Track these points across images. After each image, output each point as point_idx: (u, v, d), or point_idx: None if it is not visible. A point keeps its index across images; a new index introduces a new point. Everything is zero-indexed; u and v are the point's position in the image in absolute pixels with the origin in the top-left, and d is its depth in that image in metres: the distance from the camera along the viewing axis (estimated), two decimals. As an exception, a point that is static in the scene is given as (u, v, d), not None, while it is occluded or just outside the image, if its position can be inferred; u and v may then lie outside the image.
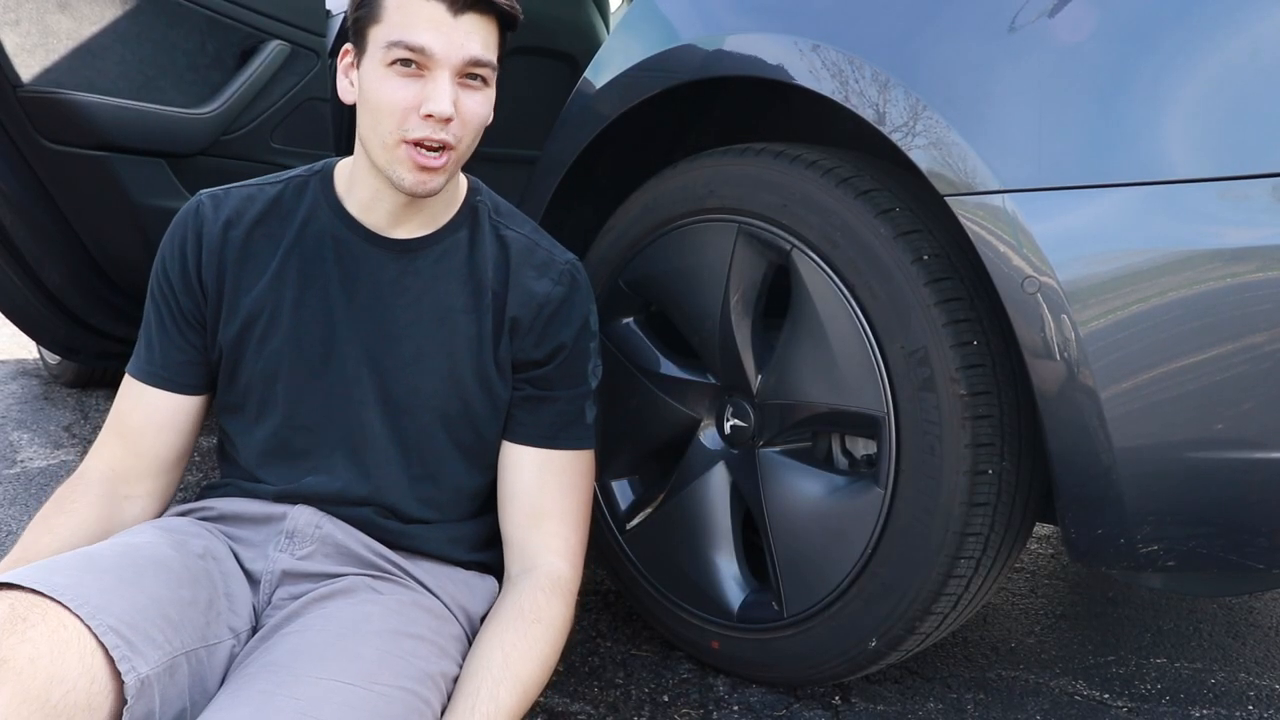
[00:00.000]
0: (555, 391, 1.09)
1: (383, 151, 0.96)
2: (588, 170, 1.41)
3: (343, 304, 1.04)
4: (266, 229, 1.05)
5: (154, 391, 1.06)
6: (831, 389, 1.09)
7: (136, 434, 1.06)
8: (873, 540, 1.07)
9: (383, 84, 0.94)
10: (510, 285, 1.07)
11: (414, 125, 0.94)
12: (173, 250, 1.06)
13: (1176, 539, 0.92)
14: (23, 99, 1.69)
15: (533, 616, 0.98)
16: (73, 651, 0.74)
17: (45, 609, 0.76)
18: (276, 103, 1.98)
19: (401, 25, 0.92)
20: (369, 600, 0.94)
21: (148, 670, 0.78)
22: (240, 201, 1.07)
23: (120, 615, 0.79)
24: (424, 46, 0.92)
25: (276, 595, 0.98)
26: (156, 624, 0.82)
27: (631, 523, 1.34)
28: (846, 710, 1.21)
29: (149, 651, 0.79)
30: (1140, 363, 0.86)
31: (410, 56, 0.93)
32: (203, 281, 1.05)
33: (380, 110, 0.95)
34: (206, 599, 0.89)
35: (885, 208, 1.04)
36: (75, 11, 1.72)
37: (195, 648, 0.85)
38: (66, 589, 0.78)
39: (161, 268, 1.06)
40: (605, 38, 2.42)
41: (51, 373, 3.34)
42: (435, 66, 0.93)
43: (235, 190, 1.08)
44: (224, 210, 1.06)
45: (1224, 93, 0.82)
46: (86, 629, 0.76)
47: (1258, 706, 1.27)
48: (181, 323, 1.06)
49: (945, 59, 0.96)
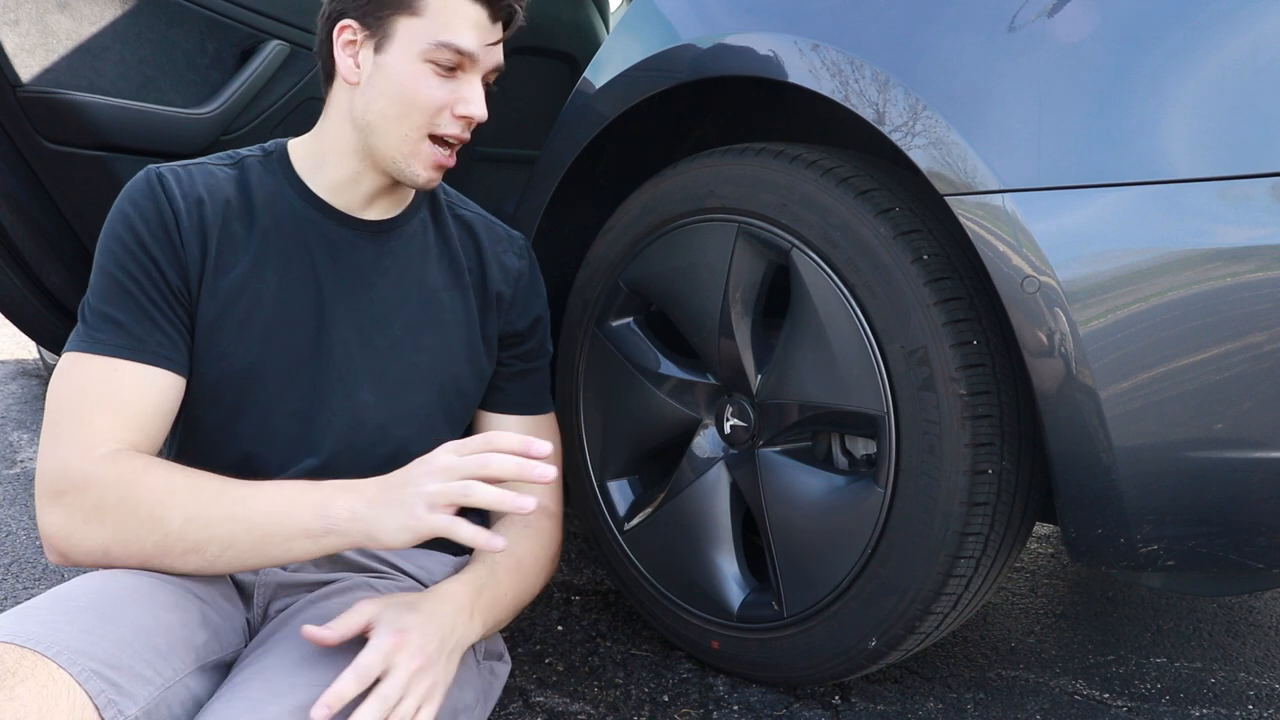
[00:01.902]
0: (535, 362, 1.17)
1: (401, 144, 0.97)
2: (588, 170, 1.41)
3: (330, 286, 1.01)
4: (237, 210, 0.99)
5: (154, 371, 0.93)
6: (831, 389, 1.09)
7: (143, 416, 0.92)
8: (873, 540, 1.07)
9: (420, 80, 0.96)
10: (486, 263, 1.12)
11: (446, 122, 0.97)
12: (147, 219, 0.94)
13: (1176, 538, 0.92)
14: (22, 99, 1.69)
15: (522, 524, 1.07)
16: (61, 708, 0.70)
17: (35, 663, 0.72)
18: (276, 103, 1.98)
19: (448, 27, 0.94)
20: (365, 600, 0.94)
21: (136, 711, 0.75)
22: (204, 179, 0.99)
23: (103, 657, 0.75)
24: (473, 52, 0.96)
25: (272, 607, 0.97)
26: (143, 657, 0.78)
27: (631, 523, 1.34)
28: (846, 710, 1.21)
29: (137, 690, 0.76)
30: (1140, 362, 0.86)
31: (457, 60, 0.95)
32: (186, 254, 0.95)
33: (413, 105, 0.96)
34: (197, 618, 0.87)
35: (885, 207, 1.04)
36: (75, 11, 1.72)
37: (190, 671, 0.83)
38: (42, 637, 0.74)
39: (134, 238, 0.93)
40: (605, 38, 2.42)
41: (51, 373, 3.34)
42: (472, 69, 0.97)
43: (192, 169, 1.00)
44: (190, 187, 0.97)
45: (1224, 93, 0.82)
46: (74, 681, 0.72)
47: (1258, 706, 1.27)
48: (169, 295, 0.95)
49: (945, 59, 0.96)
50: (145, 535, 0.86)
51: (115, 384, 0.91)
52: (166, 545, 0.86)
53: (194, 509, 0.86)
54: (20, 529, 1.82)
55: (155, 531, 0.85)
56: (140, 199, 0.95)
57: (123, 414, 0.90)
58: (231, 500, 0.87)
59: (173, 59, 1.85)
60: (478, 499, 0.82)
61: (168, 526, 0.85)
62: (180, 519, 0.85)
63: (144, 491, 0.86)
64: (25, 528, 1.83)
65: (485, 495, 0.82)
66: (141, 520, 0.85)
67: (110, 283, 0.93)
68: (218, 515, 0.86)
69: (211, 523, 0.86)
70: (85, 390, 0.90)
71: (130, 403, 0.91)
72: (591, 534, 1.40)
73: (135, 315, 0.93)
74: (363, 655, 0.80)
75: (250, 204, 1.00)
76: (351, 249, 1.03)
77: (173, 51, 1.85)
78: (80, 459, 0.87)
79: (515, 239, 1.17)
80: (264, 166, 1.03)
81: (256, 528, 0.86)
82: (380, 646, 0.80)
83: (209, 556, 0.87)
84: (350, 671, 0.78)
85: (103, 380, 0.90)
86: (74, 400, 0.90)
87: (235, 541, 0.86)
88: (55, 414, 0.90)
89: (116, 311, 0.92)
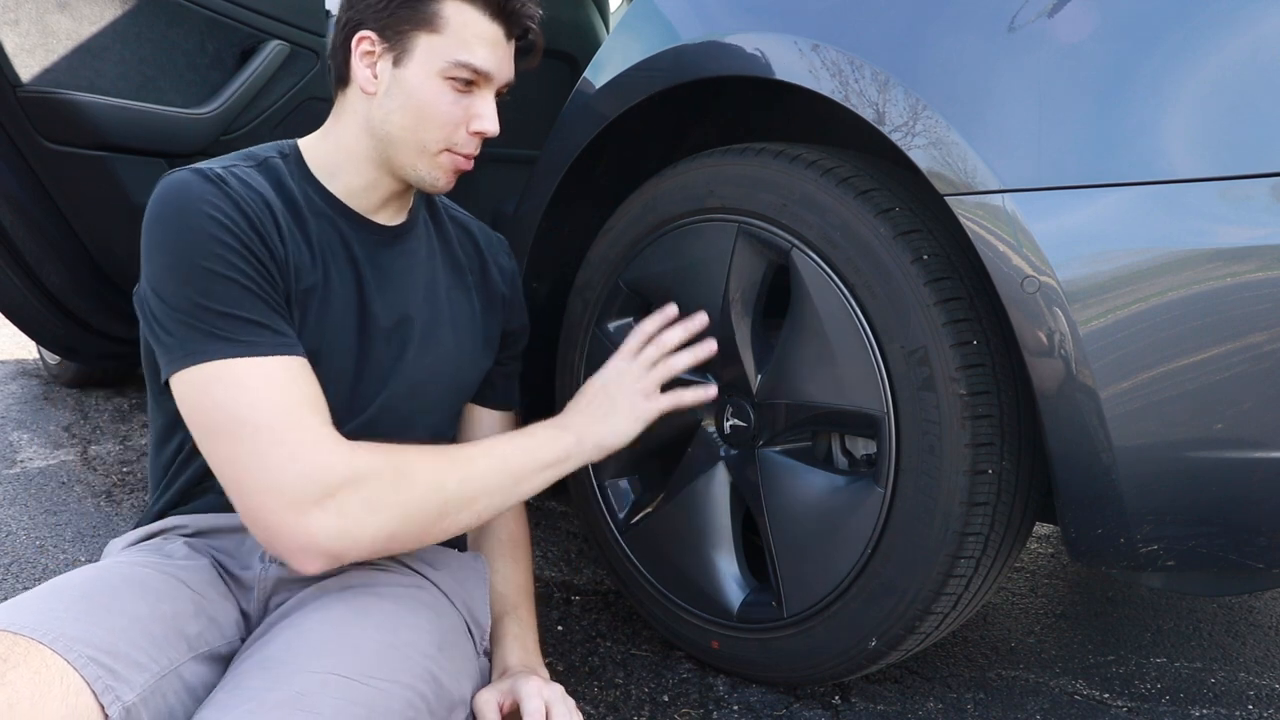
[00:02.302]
0: (519, 360, 1.26)
1: (420, 156, 1.01)
2: (588, 170, 1.40)
3: (368, 286, 1.03)
4: (284, 209, 0.98)
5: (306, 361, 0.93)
6: (831, 389, 1.09)
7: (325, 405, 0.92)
8: (873, 540, 1.07)
9: (439, 96, 0.98)
10: (487, 263, 1.18)
11: (462, 139, 1.01)
12: (234, 219, 0.91)
13: (1176, 538, 0.92)
14: (23, 99, 1.69)
15: (511, 544, 1.17)
16: (55, 694, 0.71)
17: (27, 648, 0.72)
18: (276, 102, 1.98)
19: (466, 45, 0.98)
20: (367, 591, 0.94)
21: (133, 697, 0.76)
22: (247, 178, 0.97)
23: (99, 643, 0.76)
24: (489, 71, 0.99)
25: (272, 600, 0.97)
26: (139, 644, 0.79)
27: (631, 522, 1.34)
28: (846, 710, 1.21)
29: (133, 676, 0.77)
30: (1140, 362, 0.86)
31: (474, 79, 0.99)
32: (273, 250, 0.94)
33: (432, 120, 0.99)
34: (191, 609, 0.88)
35: (885, 207, 1.04)
36: (75, 11, 1.72)
37: (185, 660, 0.84)
38: (37, 625, 0.75)
39: (233, 238, 0.90)
40: (605, 38, 2.42)
41: (51, 373, 3.34)
42: (486, 86, 1.01)
43: (231, 169, 0.97)
44: (245, 187, 0.95)
45: (1224, 93, 0.82)
46: (68, 665, 0.73)
47: (1258, 706, 1.27)
48: (279, 287, 0.94)
49: (945, 59, 0.96)
50: (429, 504, 0.92)
51: (297, 379, 0.90)
52: (446, 509, 0.93)
53: (462, 470, 0.95)
54: (20, 529, 1.82)
55: (437, 498, 0.92)
56: (215, 199, 0.91)
57: (320, 407, 0.91)
58: (481, 455, 0.98)
59: (173, 59, 1.85)
60: (680, 366, 1.13)
61: (446, 492, 0.93)
62: (455, 481, 0.94)
63: (415, 469, 0.92)
64: (25, 528, 1.83)
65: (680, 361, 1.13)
66: (424, 493, 0.91)
67: (230, 286, 0.89)
68: (482, 468, 0.97)
69: (477, 476, 0.96)
70: (277, 391, 0.87)
71: (315, 394, 0.91)
72: (591, 534, 1.40)
73: (268, 313, 0.91)
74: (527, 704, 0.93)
75: (294, 205, 1.00)
76: (376, 252, 1.05)
77: (173, 51, 1.85)
78: (333, 456, 0.86)
79: (502, 241, 1.24)
80: (284, 168, 1.03)
81: (510, 472, 0.99)
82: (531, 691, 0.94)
83: (478, 509, 0.96)
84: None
85: (286, 379, 0.89)
86: (274, 403, 0.87)
87: (499, 488, 0.98)
88: (258, 421, 0.85)
89: (252, 314, 0.90)
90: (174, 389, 0.90)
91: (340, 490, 0.85)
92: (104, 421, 2.74)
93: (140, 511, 1.94)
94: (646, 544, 1.33)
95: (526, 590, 1.15)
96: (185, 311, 0.88)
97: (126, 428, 2.66)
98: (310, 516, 0.84)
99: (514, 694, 0.95)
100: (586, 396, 1.12)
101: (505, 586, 1.13)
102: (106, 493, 2.06)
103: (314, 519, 0.85)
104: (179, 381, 0.89)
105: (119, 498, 2.03)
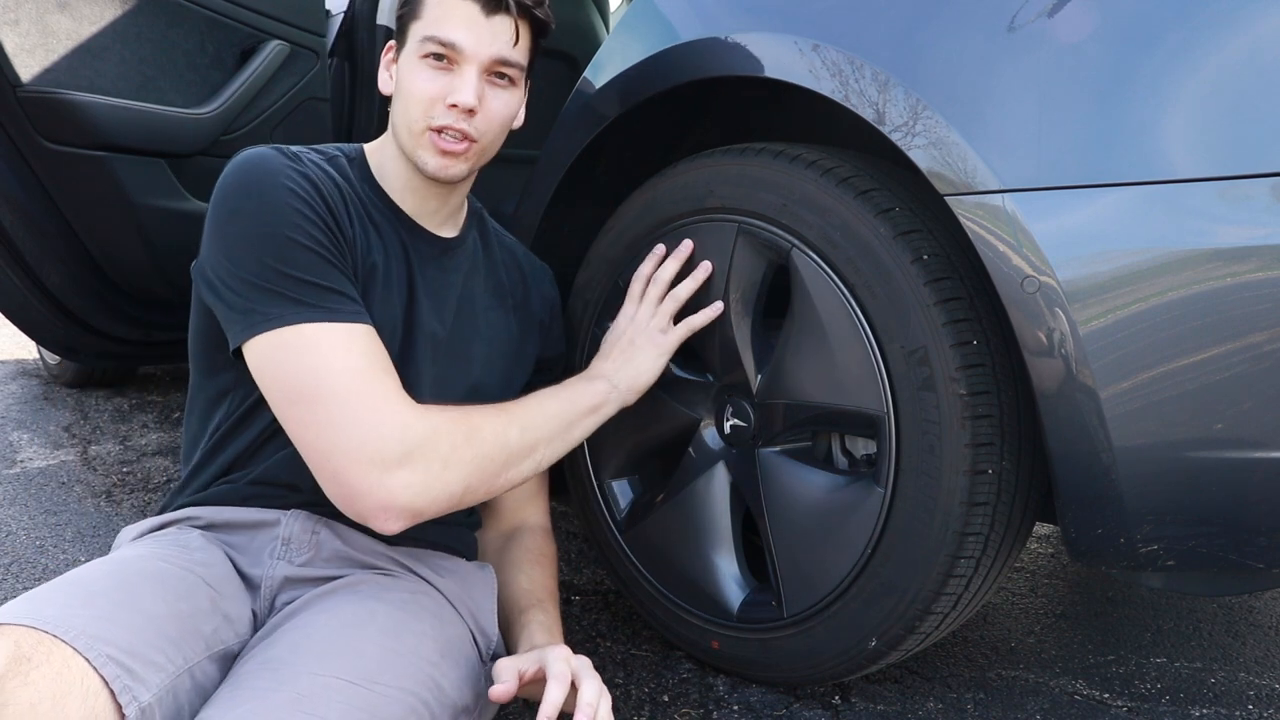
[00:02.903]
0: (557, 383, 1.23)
1: (410, 138, 1.03)
2: (588, 170, 1.41)
3: (420, 291, 1.06)
4: (350, 198, 1.03)
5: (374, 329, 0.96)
6: (831, 388, 1.09)
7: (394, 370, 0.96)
8: (873, 540, 1.07)
9: (415, 75, 1.01)
10: (530, 289, 1.23)
11: (439, 113, 1.01)
12: (309, 195, 0.95)
13: (1176, 538, 0.92)
14: (23, 99, 1.69)
15: (537, 553, 1.19)
16: (75, 695, 0.71)
17: (50, 648, 0.73)
18: (276, 102, 1.98)
19: (436, 21, 1.00)
20: (373, 596, 0.94)
21: (150, 698, 0.76)
22: (319, 163, 1.02)
23: (118, 642, 0.77)
24: (455, 42, 1.00)
25: (279, 599, 0.97)
26: (157, 645, 0.80)
27: (631, 522, 1.34)
28: (846, 710, 1.21)
29: (150, 676, 0.78)
30: (1140, 362, 0.86)
31: (441, 51, 1.00)
32: (344, 225, 0.98)
33: (410, 98, 1.02)
34: (208, 606, 0.88)
35: (885, 207, 1.04)
36: (75, 11, 1.72)
37: (199, 660, 0.84)
38: (60, 620, 0.76)
39: (312, 210, 0.94)
40: (605, 38, 2.42)
41: (51, 373, 3.34)
42: (464, 62, 1.01)
43: (305, 155, 1.02)
44: (318, 170, 1.00)
45: (1224, 93, 0.82)
46: (90, 666, 0.73)
47: (1258, 706, 1.27)
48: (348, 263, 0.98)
49: (945, 58, 0.96)
50: (497, 456, 0.98)
51: (374, 347, 0.94)
52: (510, 459, 1.00)
53: (521, 421, 1.02)
54: (20, 529, 1.82)
55: (504, 450, 0.99)
56: (293, 174, 0.96)
57: (392, 372, 0.95)
58: (534, 408, 1.05)
59: (173, 59, 1.85)
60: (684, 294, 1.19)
61: (510, 444, 1.00)
62: (516, 433, 1.01)
63: (480, 423, 0.97)
64: (25, 528, 1.83)
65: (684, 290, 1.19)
66: (492, 446, 0.97)
67: (310, 255, 0.93)
68: (537, 419, 1.04)
69: (535, 426, 1.03)
70: (358, 357, 0.91)
71: (388, 361, 0.95)
72: (591, 534, 1.40)
73: (345, 283, 0.96)
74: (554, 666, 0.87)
75: (359, 198, 1.05)
76: (424, 260, 1.09)
77: (173, 51, 1.85)
78: (410, 417, 0.91)
79: (547, 271, 1.28)
80: (351, 168, 1.08)
81: (564, 418, 1.08)
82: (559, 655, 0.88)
83: (538, 457, 1.04)
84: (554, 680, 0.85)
85: (365, 345, 0.93)
86: (357, 368, 0.91)
87: (553, 436, 1.06)
88: (341, 385, 0.89)
89: (331, 281, 0.94)
90: (249, 356, 0.93)
91: (419, 448, 0.90)
92: (104, 421, 2.74)
93: (140, 512, 1.94)
94: (646, 544, 1.33)
95: (552, 593, 1.15)
96: (263, 278, 0.91)
97: (126, 428, 2.66)
98: (393, 475, 0.88)
99: (540, 661, 0.90)
100: (608, 345, 1.20)
101: (532, 585, 1.14)
102: (106, 493, 2.06)
103: (396, 477, 0.89)
104: (255, 347, 0.92)
105: (119, 498, 2.03)
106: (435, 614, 0.97)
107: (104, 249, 1.94)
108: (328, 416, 0.88)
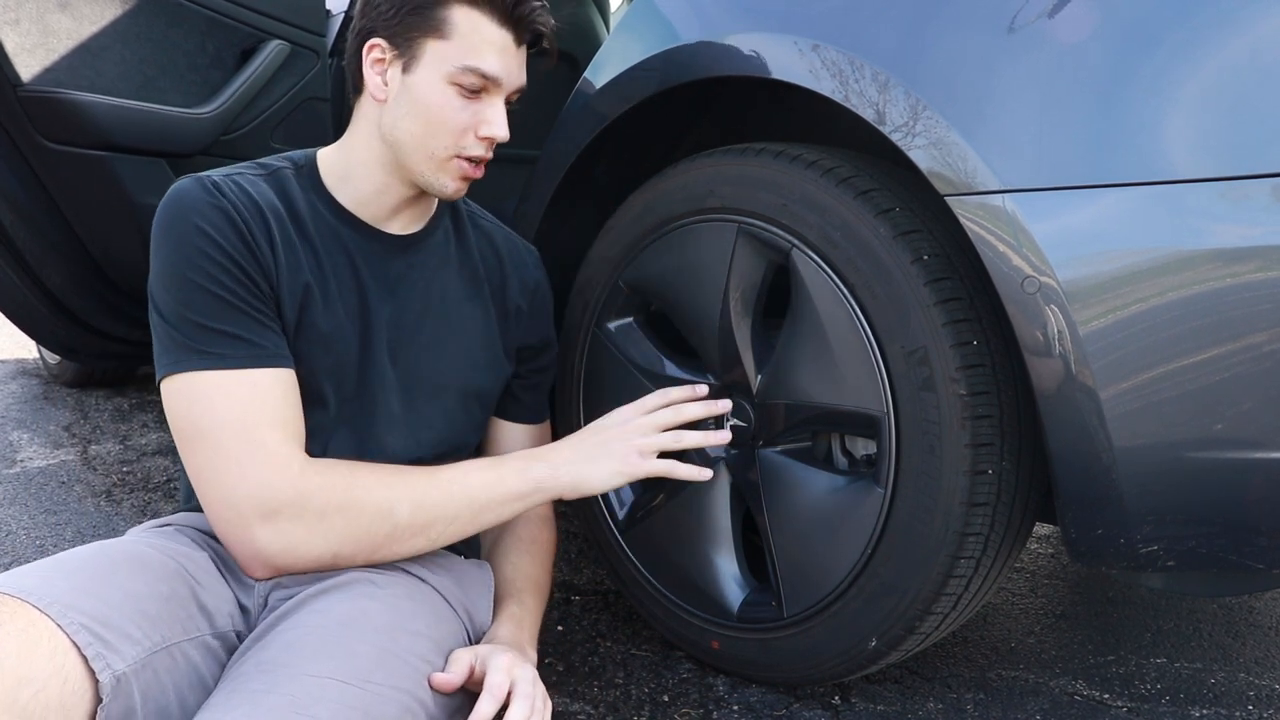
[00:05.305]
0: (546, 374, 1.25)
1: (429, 162, 1.02)
2: (588, 170, 1.41)
3: (371, 298, 1.04)
4: (287, 219, 1.01)
5: (283, 371, 0.95)
6: (831, 389, 1.09)
7: (294, 418, 0.95)
8: (873, 540, 1.07)
9: (446, 102, 0.99)
10: (507, 275, 1.18)
11: (471, 144, 1.01)
12: (223, 231, 0.94)
13: (1176, 539, 0.92)
14: (23, 99, 1.69)
15: (529, 540, 1.17)
16: (42, 651, 0.73)
17: (14, 608, 0.74)
18: (276, 102, 1.99)
19: (474, 51, 0.98)
20: (366, 595, 0.94)
21: (124, 667, 0.77)
22: (250, 188, 1.00)
23: (92, 612, 0.78)
24: (498, 76, 0.99)
25: (272, 596, 0.97)
26: (133, 619, 0.81)
27: (632, 523, 1.34)
28: (846, 710, 1.21)
29: (125, 648, 0.78)
30: (1140, 362, 0.86)
31: (481, 84, 0.99)
32: (263, 260, 0.96)
33: (440, 126, 1.00)
34: (188, 593, 0.89)
35: (885, 207, 1.04)
36: (75, 11, 1.72)
37: (178, 641, 0.84)
38: (34, 589, 0.77)
39: (218, 250, 0.93)
40: (605, 38, 2.42)
41: (51, 373, 3.34)
42: (495, 91, 1.01)
43: (234, 178, 1.00)
44: (244, 196, 0.98)
45: (1224, 93, 0.82)
46: (57, 627, 0.75)
47: (1258, 706, 1.27)
48: (265, 298, 0.96)
49: (945, 59, 0.96)
50: (377, 529, 0.94)
51: (263, 395, 0.92)
52: (396, 534, 0.95)
53: (417, 495, 0.96)
54: (20, 529, 1.82)
55: (385, 523, 0.94)
56: (207, 210, 0.94)
57: (281, 422, 0.93)
58: (446, 481, 0.99)
59: (173, 59, 1.85)
60: (689, 443, 1.11)
61: (397, 517, 0.94)
62: (408, 508, 0.95)
63: (363, 492, 0.93)
64: (25, 527, 1.83)
65: (690, 439, 1.12)
66: (371, 517, 0.93)
67: (208, 298, 0.92)
68: (439, 497, 0.97)
69: (435, 504, 0.97)
70: (238, 407, 0.91)
71: (281, 409, 0.94)
72: (591, 534, 1.40)
73: (246, 325, 0.94)
74: (492, 676, 0.86)
75: (297, 215, 1.02)
76: (381, 262, 1.06)
77: (173, 51, 1.85)
78: (280, 477, 0.90)
79: (531, 251, 1.23)
80: (296, 179, 1.05)
81: (475, 500, 1.00)
82: (500, 665, 0.88)
83: (433, 535, 0.97)
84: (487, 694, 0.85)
85: (250, 395, 0.92)
86: (232, 419, 0.90)
87: (458, 516, 0.99)
88: (216, 436, 0.90)
89: (227, 325, 0.93)
90: (161, 394, 0.95)
91: (284, 510, 0.90)
92: (104, 421, 2.74)
93: (139, 511, 1.94)
94: (646, 544, 1.33)
95: (537, 583, 1.13)
96: (170, 321, 0.93)
97: (126, 428, 2.67)
98: (260, 531, 0.90)
99: (484, 664, 0.90)
100: (586, 431, 1.13)
101: (514, 574, 1.13)
102: (106, 492, 2.06)
103: (263, 533, 0.90)
104: (162, 387, 0.94)
105: (119, 497, 2.03)
106: (430, 612, 0.97)
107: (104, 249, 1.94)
108: (203, 464, 0.91)
